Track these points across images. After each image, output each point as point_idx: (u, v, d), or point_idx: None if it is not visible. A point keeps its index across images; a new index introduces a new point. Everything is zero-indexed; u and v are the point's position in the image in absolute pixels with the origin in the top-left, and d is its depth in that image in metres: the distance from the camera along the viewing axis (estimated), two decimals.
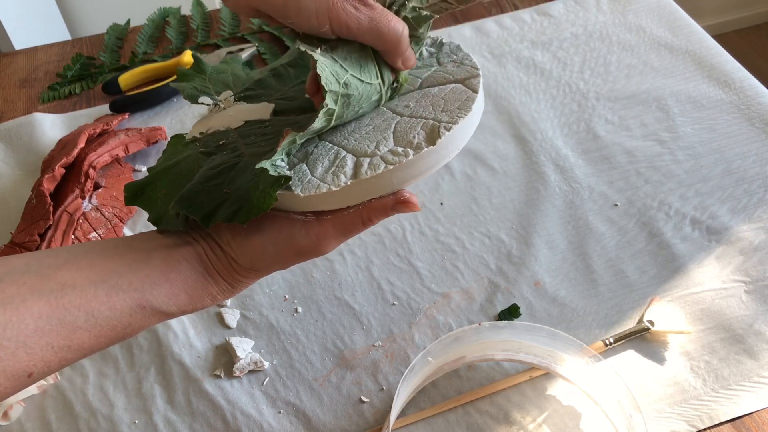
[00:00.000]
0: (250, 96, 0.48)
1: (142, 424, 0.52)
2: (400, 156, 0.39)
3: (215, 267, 0.40)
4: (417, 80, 0.45)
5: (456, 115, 0.40)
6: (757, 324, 0.55)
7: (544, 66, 0.80)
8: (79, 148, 0.68)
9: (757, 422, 0.50)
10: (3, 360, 0.33)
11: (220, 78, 0.51)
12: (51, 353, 0.35)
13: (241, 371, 0.54)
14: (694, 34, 0.83)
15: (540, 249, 0.62)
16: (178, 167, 0.43)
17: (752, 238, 0.61)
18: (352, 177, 0.38)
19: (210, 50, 0.86)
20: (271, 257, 0.40)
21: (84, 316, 0.35)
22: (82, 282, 0.36)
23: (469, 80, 0.43)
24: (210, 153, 0.43)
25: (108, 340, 0.37)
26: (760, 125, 0.71)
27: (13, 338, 0.33)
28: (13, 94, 0.83)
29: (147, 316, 0.38)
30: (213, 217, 0.38)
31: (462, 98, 0.42)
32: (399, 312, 0.58)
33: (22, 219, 0.64)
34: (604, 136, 0.72)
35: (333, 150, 0.41)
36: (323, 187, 0.38)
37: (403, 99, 0.44)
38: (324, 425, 0.52)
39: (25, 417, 0.53)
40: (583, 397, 0.52)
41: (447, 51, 0.47)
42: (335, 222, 0.40)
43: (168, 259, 0.39)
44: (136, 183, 0.43)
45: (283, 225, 0.40)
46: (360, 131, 0.42)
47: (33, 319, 0.34)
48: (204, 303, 0.40)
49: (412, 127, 0.40)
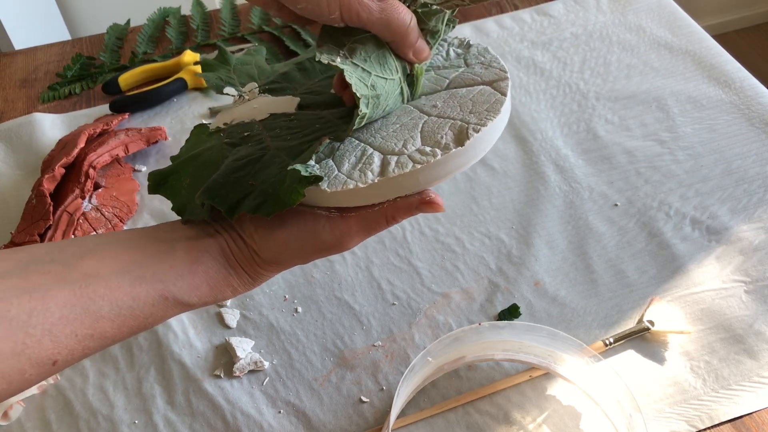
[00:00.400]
0: (275, 89, 0.48)
1: (142, 424, 0.52)
2: (428, 156, 0.38)
3: (237, 259, 0.40)
4: (444, 80, 0.45)
5: (485, 117, 0.40)
6: (757, 324, 0.55)
7: (544, 66, 0.80)
8: (79, 148, 0.68)
9: (757, 422, 0.50)
10: (29, 347, 0.33)
11: (244, 69, 0.51)
12: (75, 341, 0.35)
13: (241, 371, 0.54)
14: (694, 34, 0.83)
15: (540, 249, 0.62)
16: (202, 157, 0.43)
17: (752, 238, 0.61)
18: (380, 174, 0.38)
19: (210, 50, 0.86)
20: (293, 251, 0.40)
21: (108, 306, 0.36)
22: (106, 272, 0.36)
23: (497, 83, 0.43)
24: (235, 144, 0.43)
25: (130, 329, 0.37)
26: (760, 125, 0.71)
27: (38, 326, 0.33)
28: (13, 94, 0.83)
29: (169, 306, 0.38)
30: (237, 208, 0.38)
31: (490, 101, 0.42)
32: (399, 312, 0.58)
33: (22, 219, 0.64)
34: (604, 136, 0.72)
35: (360, 147, 0.41)
36: (350, 183, 0.38)
37: (430, 99, 0.44)
38: (324, 425, 0.52)
39: (25, 417, 0.53)
40: (583, 397, 0.52)
41: (474, 53, 0.47)
42: (359, 219, 0.40)
43: (191, 251, 0.39)
44: (160, 172, 0.43)
45: (307, 220, 0.40)
46: (387, 129, 0.42)
47: (58, 308, 0.34)
48: (225, 295, 0.40)
49: (440, 127, 0.40)
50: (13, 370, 0.33)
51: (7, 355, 0.33)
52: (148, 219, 0.67)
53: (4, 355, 0.32)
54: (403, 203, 0.40)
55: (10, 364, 0.33)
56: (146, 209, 0.68)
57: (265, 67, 0.52)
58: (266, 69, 0.52)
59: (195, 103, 0.79)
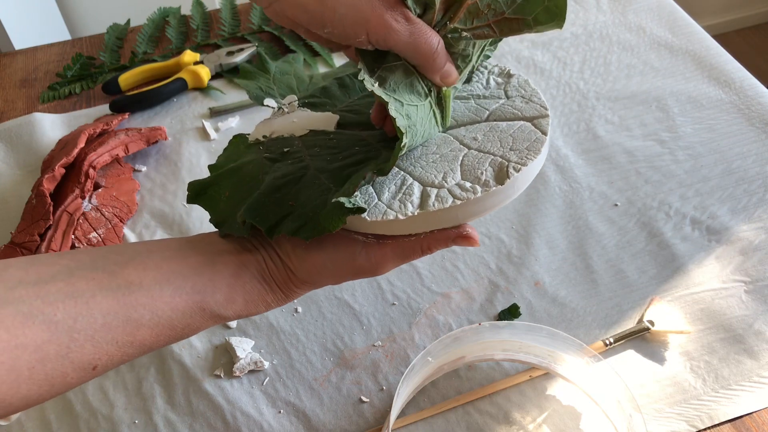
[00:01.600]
0: (315, 103, 0.48)
1: (142, 424, 0.52)
2: (468, 192, 0.39)
3: (273, 277, 0.41)
4: (485, 111, 0.45)
5: (525, 156, 0.40)
6: (757, 324, 0.55)
7: (544, 66, 0.80)
8: (79, 148, 0.68)
9: (757, 422, 0.50)
10: (72, 351, 0.34)
11: (284, 80, 0.52)
12: (115, 348, 0.36)
13: (241, 371, 0.54)
14: (694, 34, 0.83)
15: (540, 249, 0.62)
16: (242, 171, 0.43)
17: (752, 238, 0.61)
18: (419, 207, 0.39)
19: (210, 50, 0.86)
20: (329, 273, 0.41)
21: (148, 315, 0.36)
22: (149, 282, 0.37)
23: (538, 120, 0.43)
24: (274, 159, 0.43)
25: (167, 338, 0.38)
26: (760, 125, 0.71)
27: (82, 331, 0.34)
28: (13, 94, 0.83)
29: (205, 318, 0.39)
30: (277, 228, 0.39)
31: (531, 138, 0.42)
32: (399, 312, 0.58)
33: (22, 219, 0.64)
34: (604, 136, 0.72)
35: (400, 175, 0.41)
36: (390, 214, 0.38)
37: (470, 130, 0.43)
38: (324, 425, 0.52)
39: (25, 417, 0.53)
40: (583, 397, 0.52)
41: (515, 84, 0.47)
42: (395, 247, 0.41)
43: (230, 265, 0.40)
44: (200, 182, 0.44)
45: (344, 244, 0.40)
46: (427, 158, 0.42)
47: (101, 314, 0.35)
48: (258, 309, 0.41)
49: (480, 162, 0.40)
50: (56, 372, 0.34)
51: (52, 358, 0.33)
52: (148, 219, 0.67)
53: (49, 357, 0.33)
54: (440, 235, 0.40)
55: (54, 366, 0.33)
56: (146, 209, 0.68)
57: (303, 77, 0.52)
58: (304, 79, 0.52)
59: (195, 103, 0.79)
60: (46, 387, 0.34)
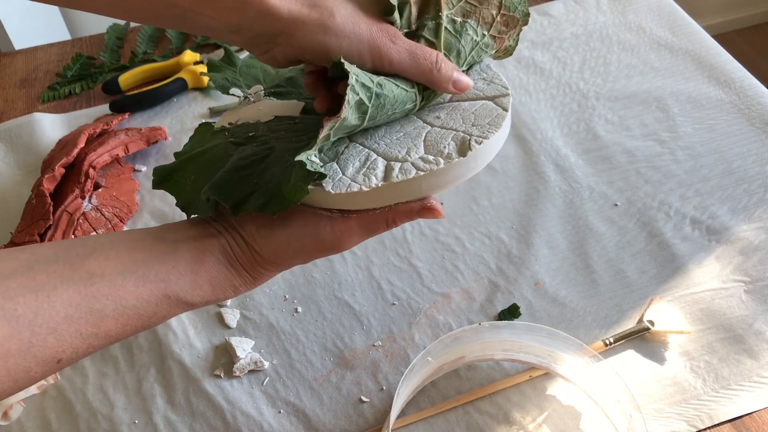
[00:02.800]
0: (280, 92, 0.49)
1: (142, 424, 0.52)
2: (431, 164, 0.40)
3: (239, 259, 0.41)
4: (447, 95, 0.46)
5: (487, 130, 0.41)
6: (757, 324, 0.55)
7: (544, 66, 0.80)
8: (79, 148, 0.68)
9: (757, 422, 0.50)
10: (34, 345, 0.34)
11: (250, 72, 0.52)
12: (79, 340, 0.36)
13: (241, 371, 0.54)
14: (694, 34, 0.83)
15: (540, 249, 0.62)
16: (206, 155, 0.44)
17: (752, 238, 0.61)
18: (383, 179, 0.39)
19: (210, 50, 0.86)
20: (294, 250, 0.41)
21: (112, 305, 0.36)
22: (111, 272, 0.37)
23: (499, 98, 0.44)
24: (239, 144, 0.43)
25: (133, 328, 0.38)
26: (760, 125, 0.71)
27: (44, 324, 0.34)
28: (13, 94, 0.83)
29: (172, 305, 0.39)
30: (243, 206, 0.39)
31: (492, 115, 0.43)
32: (399, 312, 0.58)
33: (22, 219, 0.64)
34: (604, 136, 0.72)
35: (364, 152, 0.42)
36: (354, 186, 0.39)
37: (433, 110, 0.45)
38: (324, 425, 0.52)
39: (25, 417, 0.53)
40: (583, 397, 0.52)
41: (477, 69, 0.48)
42: (360, 220, 0.41)
43: (193, 251, 0.40)
44: (165, 167, 0.44)
45: (309, 220, 0.41)
46: (390, 137, 0.43)
47: (63, 307, 0.35)
48: (226, 294, 0.41)
49: (442, 137, 0.42)
50: (18, 367, 0.34)
51: (14, 353, 0.33)
52: (148, 219, 0.67)
53: (11, 353, 0.33)
54: (404, 208, 0.41)
55: (16, 361, 0.33)
56: (146, 209, 0.68)
57: (270, 71, 0.52)
58: (271, 73, 0.52)
59: (195, 103, 0.79)
60: (9, 382, 0.34)
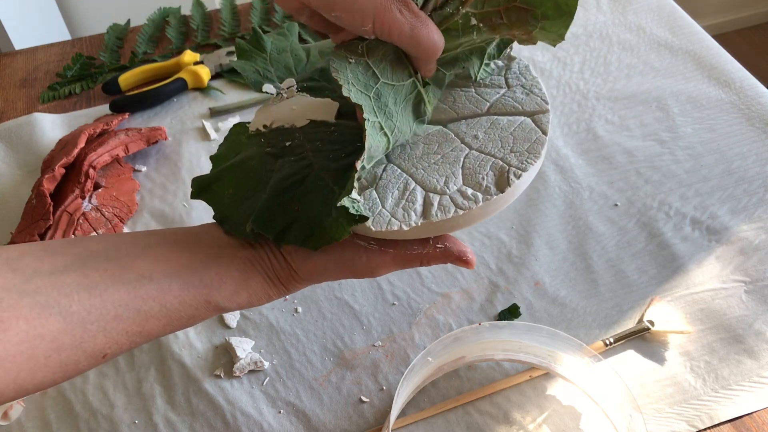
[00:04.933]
0: (313, 87, 0.48)
1: (142, 424, 0.52)
2: (469, 201, 0.40)
3: (276, 273, 0.42)
4: (485, 103, 0.45)
5: (525, 161, 0.41)
6: (757, 324, 0.55)
7: (544, 66, 0.80)
8: (79, 148, 0.68)
9: (757, 422, 0.50)
10: (85, 341, 0.35)
11: (281, 59, 0.51)
12: (125, 338, 0.37)
13: (241, 371, 0.54)
14: (694, 34, 0.83)
15: (540, 249, 0.62)
16: (245, 166, 0.44)
17: (752, 238, 0.61)
18: (422, 216, 0.39)
19: (210, 50, 0.86)
20: (329, 274, 0.43)
21: (158, 307, 0.38)
22: (159, 275, 0.38)
23: (538, 116, 0.43)
24: (276, 155, 0.43)
25: (173, 328, 0.39)
26: (760, 125, 0.71)
27: (95, 322, 0.36)
28: (13, 94, 0.83)
29: (210, 310, 0.40)
30: (285, 237, 0.40)
31: (531, 138, 0.42)
32: (399, 312, 0.58)
33: (22, 219, 0.64)
34: (604, 136, 0.72)
35: (402, 177, 0.41)
36: (394, 224, 0.39)
37: (471, 126, 0.44)
38: (324, 425, 0.52)
39: (25, 417, 0.53)
40: (583, 397, 0.52)
41: (516, 71, 0.47)
42: (396, 256, 0.42)
43: (235, 259, 0.41)
44: (204, 178, 0.44)
45: (346, 249, 0.42)
46: (428, 159, 0.42)
47: (114, 306, 0.36)
48: (260, 302, 0.43)
49: (481, 165, 0.41)
50: (69, 360, 0.35)
51: (66, 347, 0.35)
52: (148, 219, 0.67)
53: (63, 347, 0.35)
54: (440, 254, 0.42)
55: (68, 355, 0.35)
56: (146, 209, 0.68)
57: (300, 54, 0.51)
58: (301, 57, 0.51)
59: (195, 103, 0.79)
60: (60, 374, 0.35)
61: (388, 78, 0.40)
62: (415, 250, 0.42)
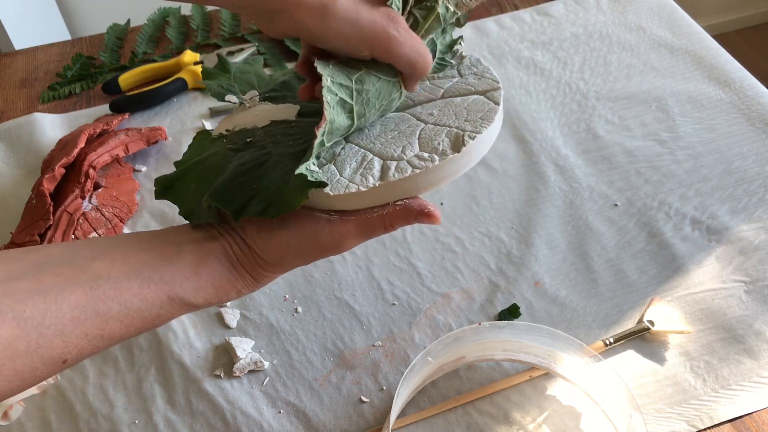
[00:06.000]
0: (275, 97, 0.50)
1: (142, 424, 0.52)
2: (426, 161, 0.40)
3: (240, 262, 0.41)
4: (439, 90, 0.47)
5: (479, 125, 0.42)
6: (757, 324, 0.55)
7: (544, 66, 0.80)
8: (79, 148, 0.68)
9: (757, 422, 0.50)
10: (41, 347, 0.34)
11: (244, 78, 0.53)
12: (85, 341, 0.36)
13: (241, 371, 0.54)
14: (694, 34, 0.83)
15: (540, 249, 0.62)
16: (206, 163, 0.44)
17: (752, 238, 0.61)
18: (380, 179, 0.40)
19: (210, 50, 0.86)
20: (294, 253, 0.41)
21: (117, 307, 0.37)
22: (116, 274, 0.37)
23: (490, 92, 0.45)
24: (237, 150, 0.44)
25: (137, 329, 0.38)
26: (760, 125, 0.71)
27: (51, 326, 0.35)
28: (13, 94, 0.83)
29: (175, 307, 0.39)
30: (243, 211, 0.39)
31: (484, 109, 0.43)
32: (399, 312, 0.58)
33: (22, 219, 0.64)
34: (604, 136, 0.72)
35: (360, 153, 0.42)
36: (352, 187, 0.40)
37: (426, 107, 0.45)
38: (324, 425, 0.52)
39: (25, 417, 0.53)
40: (583, 397, 0.52)
41: (468, 64, 0.49)
42: (358, 222, 0.41)
43: (197, 253, 0.40)
44: (167, 177, 0.44)
45: (307, 222, 0.41)
46: (385, 136, 0.43)
47: (70, 309, 0.35)
48: (229, 296, 0.42)
49: (436, 134, 0.42)
50: (26, 367, 0.34)
51: (21, 354, 0.34)
52: (148, 219, 0.67)
53: (18, 354, 0.34)
54: (401, 211, 0.41)
55: (23, 362, 0.34)
56: (146, 209, 0.68)
57: (264, 75, 0.54)
58: (265, 78, 0.53)
59: (195, 103, 0.79)
60: (16, 382, 0.34)
61: (372, 69, 0.41)
62: (375, 213, 0.41)
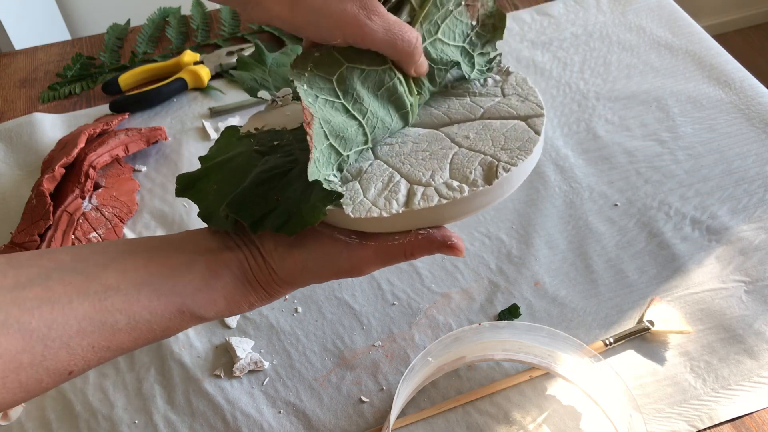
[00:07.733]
0: None
1: (142, 424, 0.52)
2: (454, 191, 0.38)
3: (256, 276, 0.40)
4: (479, 109, 0.45)
5: (516, 156, 0.39)
6: (757, 324, 0.55)
7: (544, 66, 0.80)
8: (79, 148, 0.68)
9: (757, 422, 0.50)
10: (47, 359, 0.33)
11: (280, 72, 0.51)
12: (91, 353, 0.35)
13: (241, 371, 0.54)
14: (694, 34, 0.83)
15: (540, 249, 0.62)
16: (231, 163, 0.42)
17: (752, 238, 0.61)
18: (404, 205, 0.38)
19: (210, 50, 0.86)
20: (310, 273, 0.40)
21: (125, 319, 0.36)
22: (126, 285, 0.36)
23: (532, 119, 0.42)
24: (264, 153, 0.42)
25: (145, 341, 0.37)
26: (760, 125, 0.71)
27: (57, 338, 0.34)
28: (13, 94, 0.83)
29: (185, 320, 0.38)
30: (261, 224, 0.38)
31: (523, 138, 0.41)
32: (399, 312, 0.58)
33: (22, 219, 0.64)
34: (604, 136, 0.72)
35: (387, 172, 0.40)
36: (374, 211, 0.38)
37: (462, 128, 0.43)
38: (324, 425, 0.52)
39: (25, 417, 0.53)
40: (583, 397, 0.52)
41: (513, 83, 0.46)
42: (378, 249, 0.39)
43: (210, 265, 0.39)
44: (189, 175, 0.43)
45: (326, 244, 0.39)
46: (416, 156, 0.41)
47: (77, 321, 0.34)
48: (241, 309, 0.40)
49: (469, 161, 0.40)
50: (30, 380, 0.33)
51: (26, 366, 0.33)
52: (148, 219, 0.67)
53: (23, 366, 0.33)
54: (424, 241, 0.39)
55: (28, 374, 0.33)
56: (146, 209, 0.68)
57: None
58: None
59: (195, 103, 0.79)
60: (21, 394, 0.33)
61: (355, 62, 0.39)
62: (396, 240, 0.39)
